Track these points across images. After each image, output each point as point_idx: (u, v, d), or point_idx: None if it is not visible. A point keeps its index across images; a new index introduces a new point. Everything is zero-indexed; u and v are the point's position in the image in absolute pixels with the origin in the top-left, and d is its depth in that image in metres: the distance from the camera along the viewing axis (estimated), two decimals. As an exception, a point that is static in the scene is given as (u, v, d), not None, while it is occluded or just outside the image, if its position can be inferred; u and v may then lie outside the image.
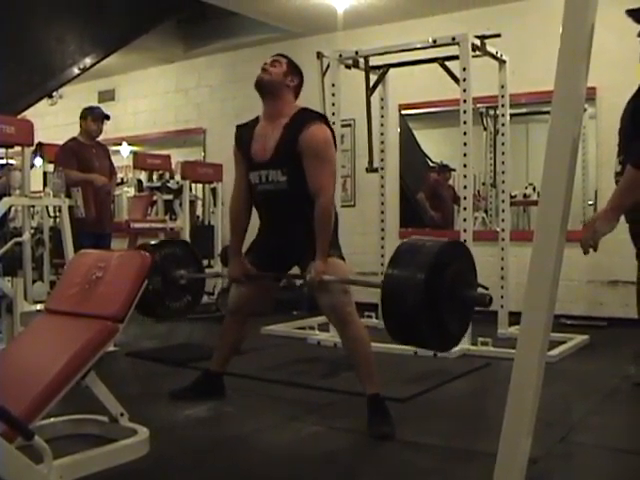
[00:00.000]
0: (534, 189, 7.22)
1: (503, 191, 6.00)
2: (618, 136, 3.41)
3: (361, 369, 3.38)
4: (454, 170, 7.18)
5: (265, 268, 3.67)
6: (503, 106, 5.88)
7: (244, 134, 3.64)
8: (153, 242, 4.27)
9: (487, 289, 3.02)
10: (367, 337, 3.42)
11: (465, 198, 5.22)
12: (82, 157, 5.69)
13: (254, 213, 3.71)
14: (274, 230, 3.62)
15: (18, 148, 5.46)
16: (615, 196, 2.82)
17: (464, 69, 5.11)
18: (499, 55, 5.68)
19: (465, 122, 5.12)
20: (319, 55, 6.06)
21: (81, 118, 5.86)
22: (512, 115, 6.02)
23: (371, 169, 6.02)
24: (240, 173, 3.68)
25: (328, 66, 5.84)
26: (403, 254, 2.94)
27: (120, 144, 9.99)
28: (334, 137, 3.54)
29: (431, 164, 8.13)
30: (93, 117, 5.82)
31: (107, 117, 5.95)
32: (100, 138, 6.01)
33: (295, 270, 3.72)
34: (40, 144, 6.44)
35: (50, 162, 6.37)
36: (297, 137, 3.38)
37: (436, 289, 2.79)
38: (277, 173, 3.45)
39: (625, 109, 3.40)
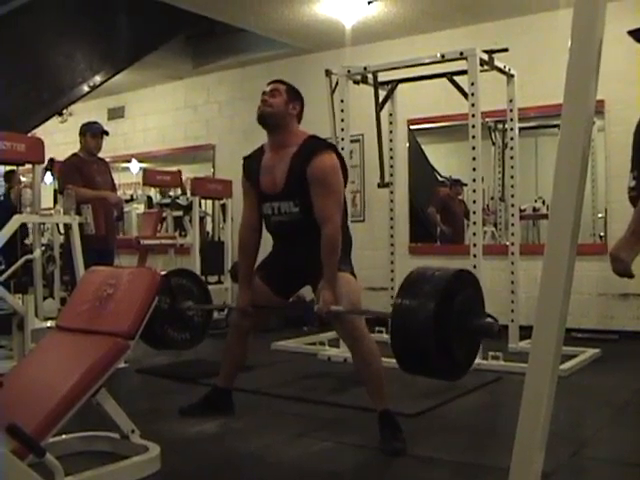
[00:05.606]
0: (543, 202, 7.21)
1: (512, 205, 5.98)
2: (632, 151, 3.37)
3: (371, 385, 3.35)
4: (466, 185, 7.16)
5: (276, 286, 3.68)
6: (512, 120, 5.88)
7: (251, 166, 3.66)
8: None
9: (496, 320, 2.99)
10: (378, 352, 3.38)
11: (474, 212, 5.21)
12: (84, 173, 5.67)
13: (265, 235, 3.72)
14: (288, 252, 3.62)
15: (29, 166, 5.48)
16: (634, 221, 2.80)
17: (472, 84, 5.11)
18: (507, 69, 5.69)
19: (474, 136, 5.11)
20: (327, 73, 6.09)
21: (80, 134, 5.83)
22: (521, 129, 6.03)
23: (383, 184, 6.03)
24: (249, 203, 3.70)
25: (337, 83, 5.86)
26: (411, 283, 2.93)
27: (130, 161, 10.05)
28: (344, 165, 3.53)
29: (440, 179, 8.13)
30: (92, 133, 5.78)
31: (106, 133, 5.92)
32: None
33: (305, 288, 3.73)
34: (52, 160, 6.46)
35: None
36: (305, 168, 3.38)
37: (445, 318, 2.79)
38: (289, 205, 3.47)
39: (638, 124, 3.36)
